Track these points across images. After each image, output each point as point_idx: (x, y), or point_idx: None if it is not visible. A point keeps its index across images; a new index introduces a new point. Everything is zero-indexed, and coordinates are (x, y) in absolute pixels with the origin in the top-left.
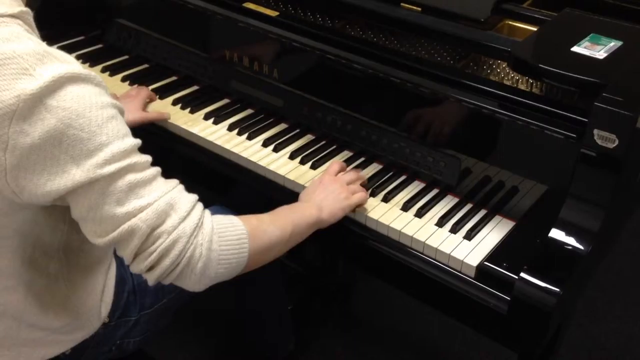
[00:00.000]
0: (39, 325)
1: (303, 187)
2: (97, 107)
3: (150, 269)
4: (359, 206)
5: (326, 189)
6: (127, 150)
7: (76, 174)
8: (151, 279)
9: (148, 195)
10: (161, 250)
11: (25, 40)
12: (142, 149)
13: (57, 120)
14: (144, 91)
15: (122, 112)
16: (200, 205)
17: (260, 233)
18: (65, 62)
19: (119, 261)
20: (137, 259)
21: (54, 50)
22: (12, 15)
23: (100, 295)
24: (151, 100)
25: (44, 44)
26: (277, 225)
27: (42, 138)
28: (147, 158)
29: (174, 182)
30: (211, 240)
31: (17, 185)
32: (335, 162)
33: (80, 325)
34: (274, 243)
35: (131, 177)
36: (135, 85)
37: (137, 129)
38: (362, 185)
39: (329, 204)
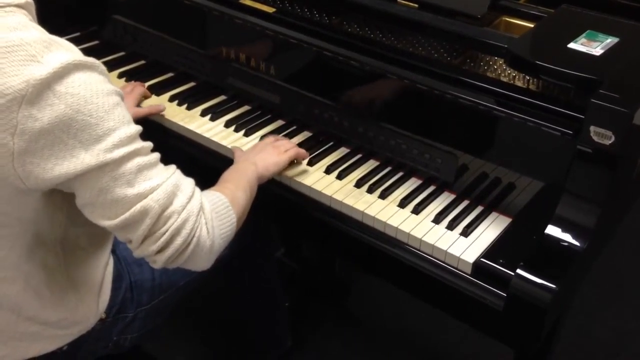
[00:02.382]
0: (37, 319)
1: (300, 183)
2: (104, 94)
3: (161, 250)
4: (296, 164)
5: (259, 150)
6: (133, 135)
7: (85, 158)
8: (161, 260)
9: (156, 177)
10: (173, 229)
11: (31, 29)
12: None
13: (66, 106)
14: (139, 88)
15: (123, 99)
16: (198, 187)
17: (236, 200)
18: (70, 50)
19: (117, 257)
20: (147, 240)
21: (58, 39)
22: (18, 5)
23: (97, 290)
24: (146, 97)
25: (48, 33)
26: (241, 189)
27: (51, 123)
28: (149, 144)
29: (173, 166)
30: (212, 217)
31: (24, 171)
32: (271, 135)
33: (77, 320)
34: (245, 205)
35: (139, 160)
36: (132, 82)
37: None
38: (302, 158)
39: (262, 160)
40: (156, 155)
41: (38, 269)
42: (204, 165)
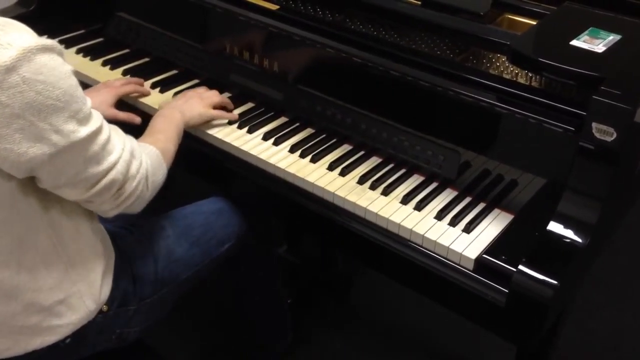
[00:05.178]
0: (36, 305)
1: (303, 180)
2: (67, 77)
3: (115, 208)
4: (226, 125)
5: (186, 99)
6: (90, 111)
7: (56, 139)
8: (112, 214)
9: (115, 149)
10: (129, 192)
11: None
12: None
13: (36, 93)
14: (128, 87)
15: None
16: (139, 147)
17: (167, 152)
18: (26, 32)
19: (118, 250)
20: (107, 202)
21: (9, 20)
22: None
23: (98, 276)
24: (144, 94)
25: None
26: (171, 141)
27: (21, 108)
28: (98, 114)
29: (117, 129)
30: (152, 173)
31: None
32: (200, 87)
33: (73, 304)
34: (173, 154)
35: (101, 138)
36: (128, 76)
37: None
38: (229, 110)
39: (188, 109)
40: (105, 125)
41: (30, 252)
42: (208, 161)
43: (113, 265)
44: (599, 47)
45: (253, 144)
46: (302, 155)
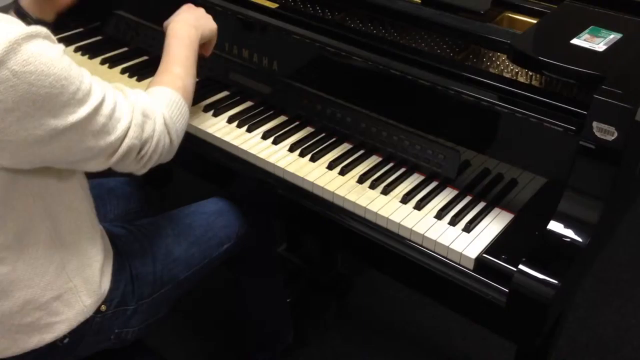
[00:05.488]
0: (32, 302)
1: (303, 179)
2: (57, 60)
3: (143, 167)
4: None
5: (193, 11)
6: (90, 85)
7: (55, 123)
8: (140, 172)
9: (124, 115)
10: (151, 151)
11: None
12: None
13: (29, 85)
14: None
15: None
16: (152, 100)
17: (186, 92)
18: (7, 23)
19: (117, 250)
20: (131, 165)
21: None
22: None
23: (96, 272)
24: None
25: None
26: (189, 73)
27: (15, 102)
28: (98, 80)
29: (121, 86)
30: (173, 122)
31: None
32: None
33: (69, 300)
34: (193, 86)
35: (106, 109)
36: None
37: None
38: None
39: (202, 26)
40: (110, 90)
41: (30, 247)
42: (207, 160)
43: (111, 263)
44: (600, 45)
45: (252, 143)
46: (302, 154)
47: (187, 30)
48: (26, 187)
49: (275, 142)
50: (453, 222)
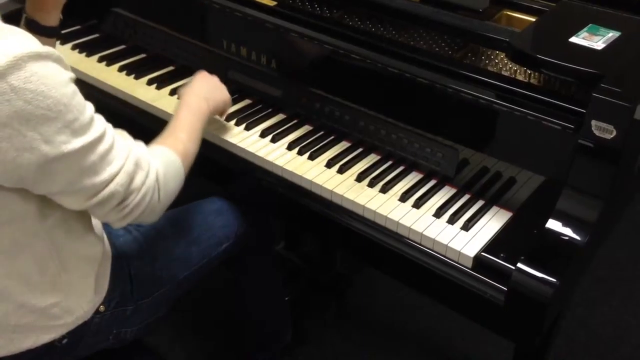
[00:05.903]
0: (28, 306)
1: (301, 177)
2: (61, 85)
3: (122, 219)
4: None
5: (207, 83)
6: (89, 121)
7: (46, 150)
8: (120, 225)
9: (117, 159)
10: (134, 204)
11: None
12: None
13: (25, 102)
14: None
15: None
16: (149, 154)
17: (187, 154)
18: (20, 39)
19: (116, 250)
20: (110, 213)
21: (4, 25)
22: None
23: (90, 274)
24: None
25: None
26: (192, 140)
27: (9, 117)
28: (101, 118)
29: (125, 134)
30: (166, 182)
31: None
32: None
33: (69, 307)
34: (194, 154)
35: (100, 148)
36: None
37: (136, 121)
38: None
39: (213, 99)
40: (110, 132)
41: (26, 255)
42: (205, 159)
43: (110, 267)
44: (599, 44)
45: (251, 141)
46: (300, 153)
47: (198, 102)
48: (31, 197)
49: (273, 141)
50: (451, 220)
